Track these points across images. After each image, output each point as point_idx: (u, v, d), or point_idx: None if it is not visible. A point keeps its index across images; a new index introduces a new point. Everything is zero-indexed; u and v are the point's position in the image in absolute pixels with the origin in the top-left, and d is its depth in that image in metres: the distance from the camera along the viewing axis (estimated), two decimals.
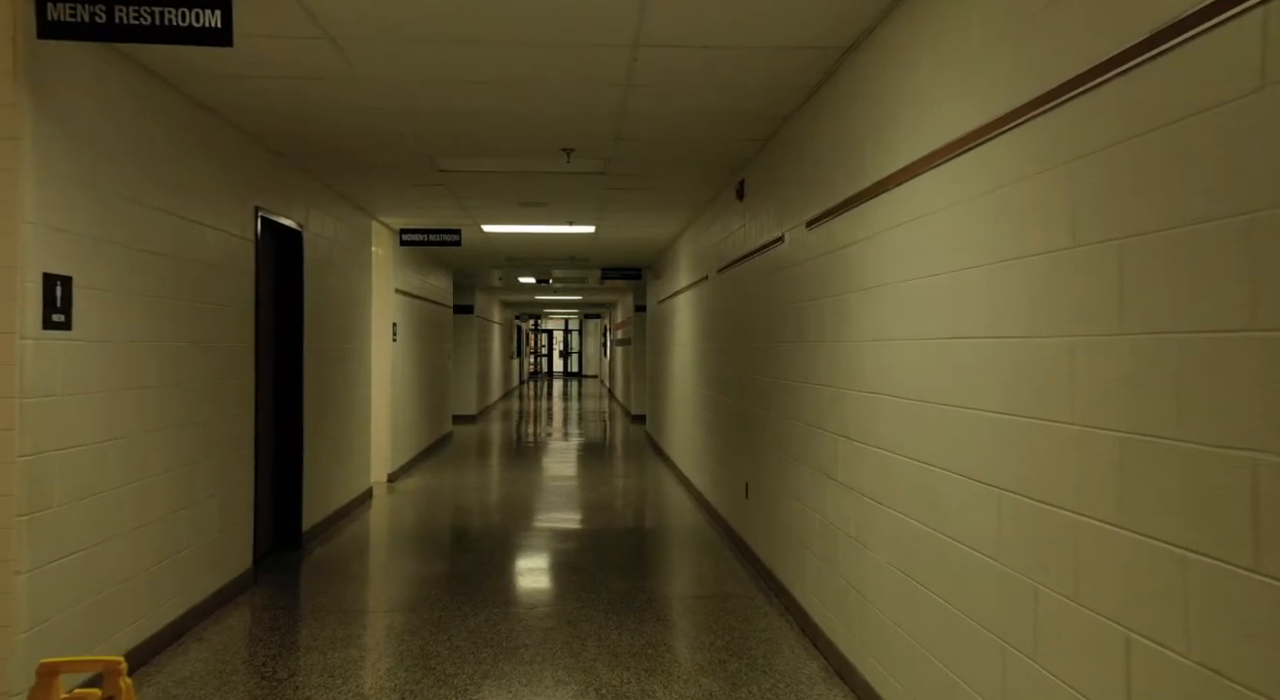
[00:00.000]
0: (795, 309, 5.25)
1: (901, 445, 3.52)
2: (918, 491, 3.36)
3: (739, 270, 7.05)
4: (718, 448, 7.96)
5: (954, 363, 3.05)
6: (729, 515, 7.40)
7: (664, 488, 10.19)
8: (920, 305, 3.35)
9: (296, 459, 6.92)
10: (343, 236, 8.23)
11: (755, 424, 6.39)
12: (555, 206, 8.89)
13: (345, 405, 8.32)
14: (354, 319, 8.63)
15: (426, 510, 8.93)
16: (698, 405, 9.29)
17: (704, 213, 8.88)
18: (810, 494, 4.89)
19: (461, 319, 18.72)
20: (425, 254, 12.62)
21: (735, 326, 7.23)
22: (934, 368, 3.22)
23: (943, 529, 3.12)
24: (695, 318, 9.57)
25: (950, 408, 3.07)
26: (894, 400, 3.61)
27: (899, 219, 3.57)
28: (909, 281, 3.46)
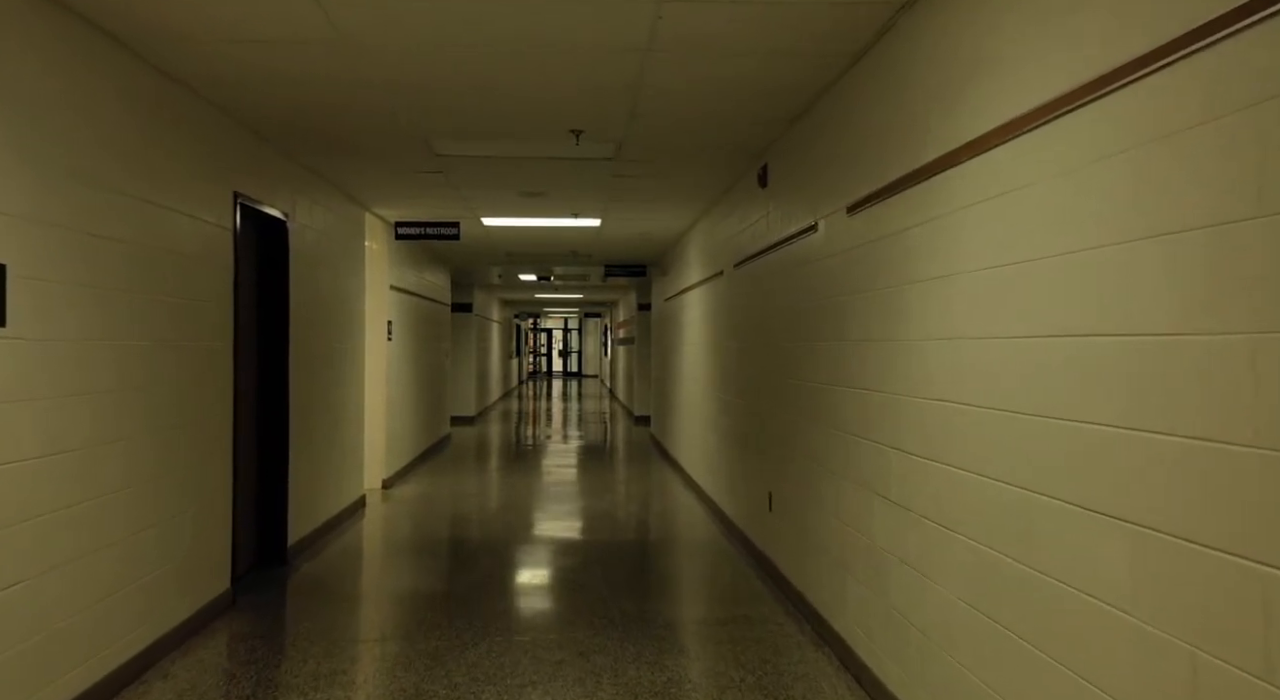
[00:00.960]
0: (832, 304, 4.72)
1: (981, 463, 2.99)
2: (1005, 519, 2.83)
3: (760, 264, 6.52)
4: (735, 455, 7.43)
5: (1059, 367, 2.52)
6: (748, 527, 6.87)
7: (673, 494, 9.66)
8: (1008, 297, 2.81)
9: (281, 468, 6.39)
10: (333, 228, 7.69)
11: (780, 431, 5.86)
12: (560, 197, 8.35)
13: (336, 408, 7.78)
14: (346, 317, 8.09)
15: (423, 520, 8.39)
16: (711, 409, 8.75)
17: (719, 204, 8.34)
18: (852, 512, 4.35)
19: (460, 317, 18.17)
20: (422, 249, 12.09)
21: (755, 325, 6.70)
22: (1029, 372, 2.68)
23: (1044, 568, 2.59)
24: (708, 316, 9.03)
25: (1055, 421, 2.54)
26: (969, 410, 3.08)
27: (975, 197, 3.03)
28: (991, 270, 2.92)
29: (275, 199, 6.18)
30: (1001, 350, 2.85)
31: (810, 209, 5.18)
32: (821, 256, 4.96)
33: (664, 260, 13.37)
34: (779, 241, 5.90)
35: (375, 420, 9.76)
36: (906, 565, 3.66)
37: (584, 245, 12.31)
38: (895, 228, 3.80)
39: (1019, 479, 2.74)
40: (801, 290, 5.38)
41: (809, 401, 5.17)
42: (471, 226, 10.14)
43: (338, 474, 7.87)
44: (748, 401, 6.93)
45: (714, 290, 8.67)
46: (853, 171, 4.38)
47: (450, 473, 11.37)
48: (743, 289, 7.21)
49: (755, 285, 6.73)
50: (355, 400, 8.49)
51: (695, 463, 9.79)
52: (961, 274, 3.15)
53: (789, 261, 5.68)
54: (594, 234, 11.01)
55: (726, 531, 7.59)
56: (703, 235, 9.39)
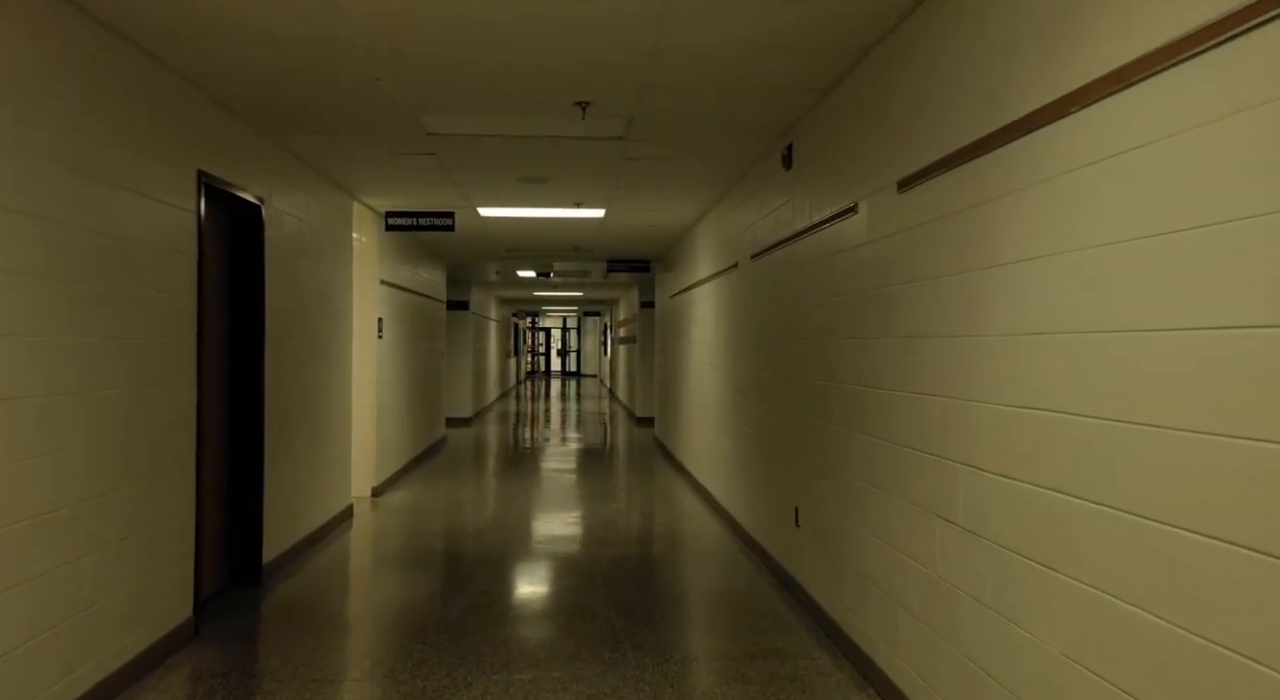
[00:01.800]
0: (877, 296, 4.12)
1: (1101, 490, 2.39)
2: (1140, 563, 2.23)
3: (782, 254, 5.92)
4: (754, 463, 6.83)
5: (1234, 368, 1.92)
6: (770, 543, 6.27)
7: (682, 503, 9.05)
8: (1148, 281, 2.22)
9: (256, 479, 5.78)
10: (316, 217, 7.08)
11: (809, 439, 5.26)
12: (562, 184, 7.75)
13: (320, 412, 7.18)
14: (331, 313, 7.49)
15: (414, 532, 7.78)
16: (724, 412, 8.15)
17: (732, 191, 7.74)
18: (904, 535, 3.75)
19: (456, 315, 17.57)
20: (415, 243, 11.48)
21: (777, 321, 6.10)
22: (1189, 375, 2.09)
23: (1210, 633, 1.99)
24: (720, 312, 8.43)
25: (1229, 440, 1.94)
26: (1083, 422, 2.48)
27: (1094, 154, 2.43)
28: (1126, 244, 2.32)
29: (248, 181, 5.58)
30: (1135, 348, 2.25)
31: (847, 189, 4.58)
32: (862, 242, 4.36)
33: (669, 255, 12.77)
34: (806, 228, 5.30)
35: (364, 424, 9.16)
36: (981, 604, 3.06)
37: (586, 239, 11.71)
38: (965, 202, 3.20)
39: (1162, 511, 2.14)
40: (836, 281, 4.79)
41: (845, 406, 4.58)
42: (467, 218, 9.53)
43: (322, 483, 7.27)
44: (769, 405, 6.33)
45: (727, 285, 8.07)
46: (905, 141, 3.78)
47: (445, 479, 10.77)
48: (761, 282, 6.61)
49: (777, 278, 6.13)
50: (342, 403, 7.89)
51: (706, 469, 9.19)
52: (1063, 253, 2.55)
53: (820, 250, 5.08)
54: (597, 227, 10.41)
55: (744, 546, 6.99)
56: (714, 226, 8.79)
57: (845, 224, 4.61)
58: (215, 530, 5.46)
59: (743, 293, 7.34)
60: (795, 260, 5.63)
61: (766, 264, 6.44)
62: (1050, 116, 2.60)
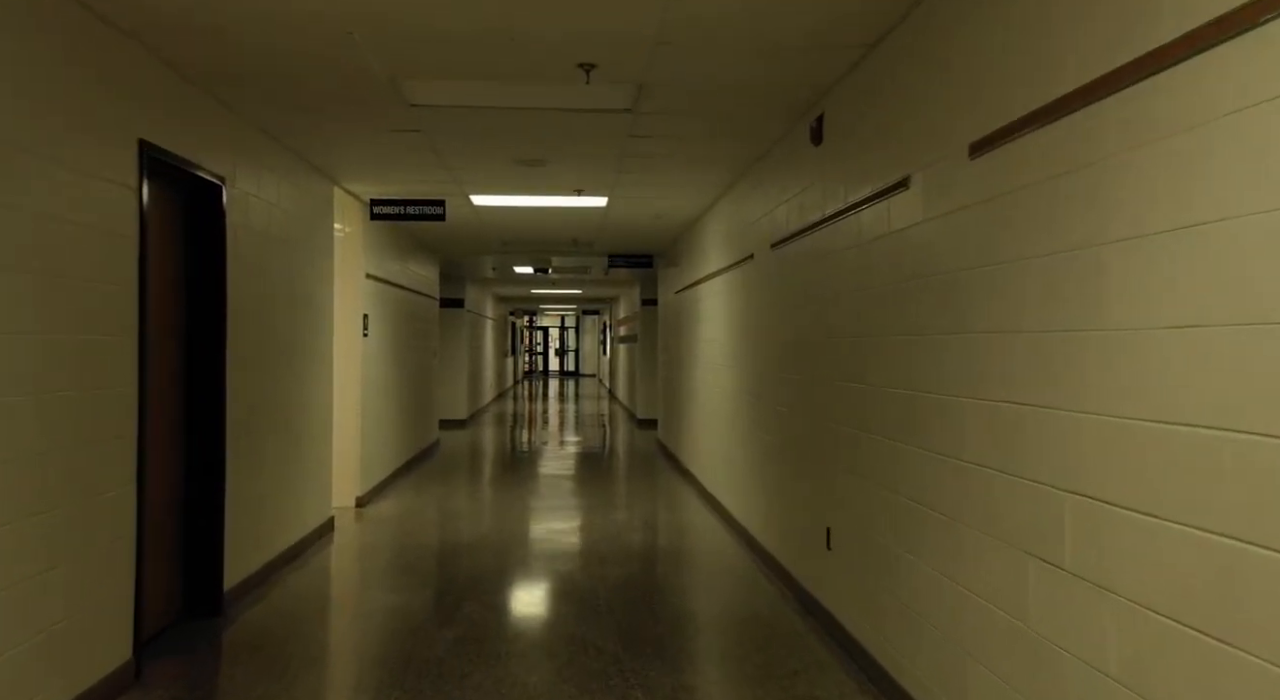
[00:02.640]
0: (936, 285, 3.47)
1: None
2: None
3: (809, 242, 5.26)
4: (775, 475, 6.16)
5: None
6: (795, 565, 5.61)
7: (690, 513, 8.39)
8: None
9: (216, 494, 5.11)
10: (291, 203, 6.42)
11: (844, 450, 4.61)
12: (562, 167, 7.09)
13: (295, 416, 6.51)
14: (309, 308, 6.82)
15: (400, 548, 7.12)
16: (737, 417, 7.49)
17: (748, 174, 7.09)
18: (979, 573, 3.10)
19: (450, 313, 16.89)
20: (405, 235, 10.81)
21: (803, 317, 5.44)
22: None
23: None
24: (733, 308, 7.77)
25: None
26: (1268, 445, 1.83)
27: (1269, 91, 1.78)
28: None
29: (206, 157, 4.91)
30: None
31: (895, 161, 3.92)
32: (915, 221, 3.71)
33: (673, 250, 12.12)
34: (840, 211, 4.65)
35: (348, 428, 8.49)
36: (1101, 674, 2.40)
37: (587, 232, 11.05)
38: (1072, 162, 2.54)
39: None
40: (879, 270, 4.13)
41: (892, 414, 3.92)
42: (459, 207, 8.87)
43: (297, 495, 6.60)
44: (792, 411, 5.67)
45: (741, 278, 7.41)
46: (981, 94, 3.13)
47: (436, 487, 10.10)
48: (783, 273, 5.95)
49: (802, 268, 5.47)
50: (321, 406, 7.22)
51: (717, 479, 8.53)
52: (1259, 214, 1.90)
53: (857, 234, 4.42)
54: (599, 218, 9.75)
55: (763, 565, 6.33)
56: (726, 215, 8.13)
57: (893, 202, 3.95)
58: (166, 553, 4.79)
59: (760, 286, 6.68)
60: (825, 248, 4.98)
61: (789, 254, 5.78)
62: (1220, 33, 1.94)
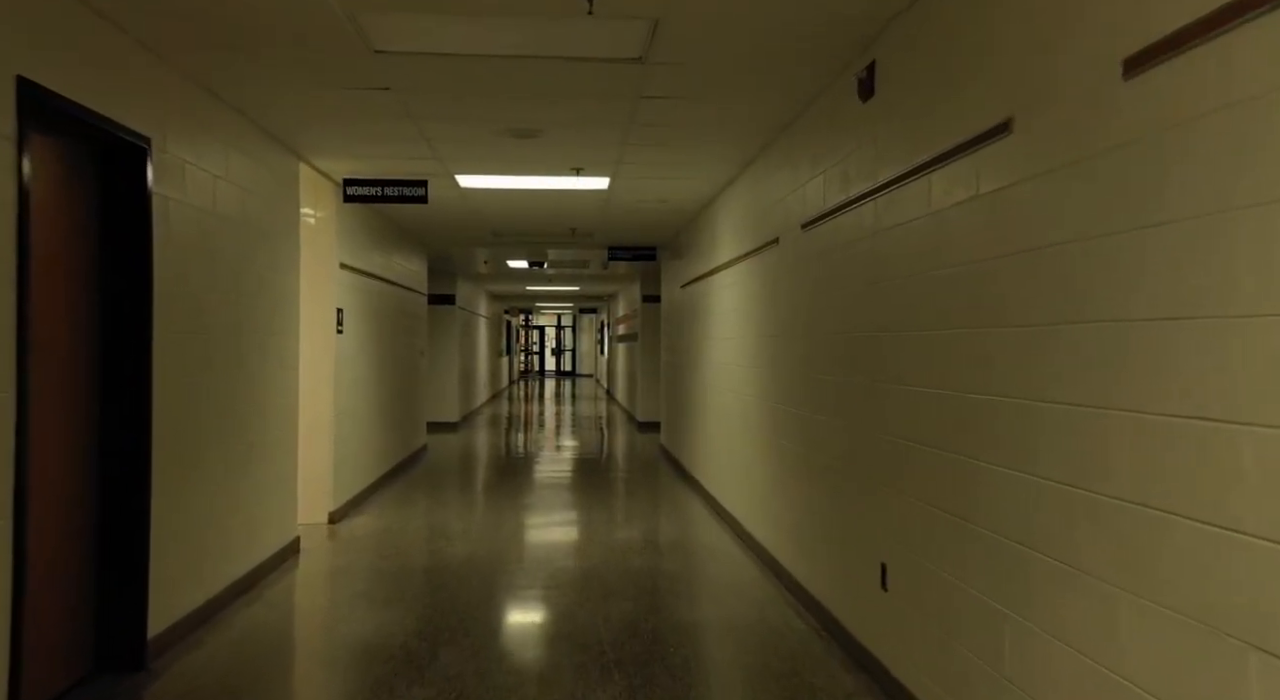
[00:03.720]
0: (1058, 257, 2.58)
1: None
2: None
3: (855, 218, 4.38)
4: (808, 495, 5.27)
5: None
6: (840, 607, 4.71)
7: (701, 529, 7.49)
8: None
9: (136, 517, 4.22)
10: (243, 175, 5.52)
11: (910, 471, 3.72)
12: (558, 139, 6.19)
13: (249, 423, 5.61)
14: (268, 300, 5.92)
15: (374, 575, 6.20)
16: (756, 425, 6.59)
17: (771, 147, 6.19)
18: (1151, 659, 2.20)
19: (441, 311, 16.00)
20: (386, 222, 9.91)
21: (849, 307, 4.55)
22: None
23: None
24: (754, 300, 6.87)
25: None
26: None
27: None
28: None
29: (124, 109, 4.01)
30: None
31: (988, 101, 3.03)
32: (1022, 177, 2.82)
33: (679, 241, 11.22)
34: (902, 175, 3.76)
35: (318, 435, 7.59)
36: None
37: (586, 220, 10.16)
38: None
39: None
40: (960, 244, 3.25)
41: (989, 429, 3.04)
42: (444, 190, 7.97)
43: (251, 514, 5.70)
44: (833, 420, 4.78)
45: (762, 266, 6.52)
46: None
47: (420, 498, 9.19)
48: (819, 257, 5.06)
49: (845, 249, 4.58)
50: (284, 410, 6.32)
51: (730, 491, 7.64)
52: None
53: (929, 201, 3.54)
54: (599, 203, 8.85)
55: (795, 601, 5.43)
56: (743, 196, 7.23)
57: (982, 156, 3.07)
58: (66, 593, 3.89)
59: (786, 273, 5.79)
60: (877, 223, 4.09)
61: (826, 234, 4.89)
62: None
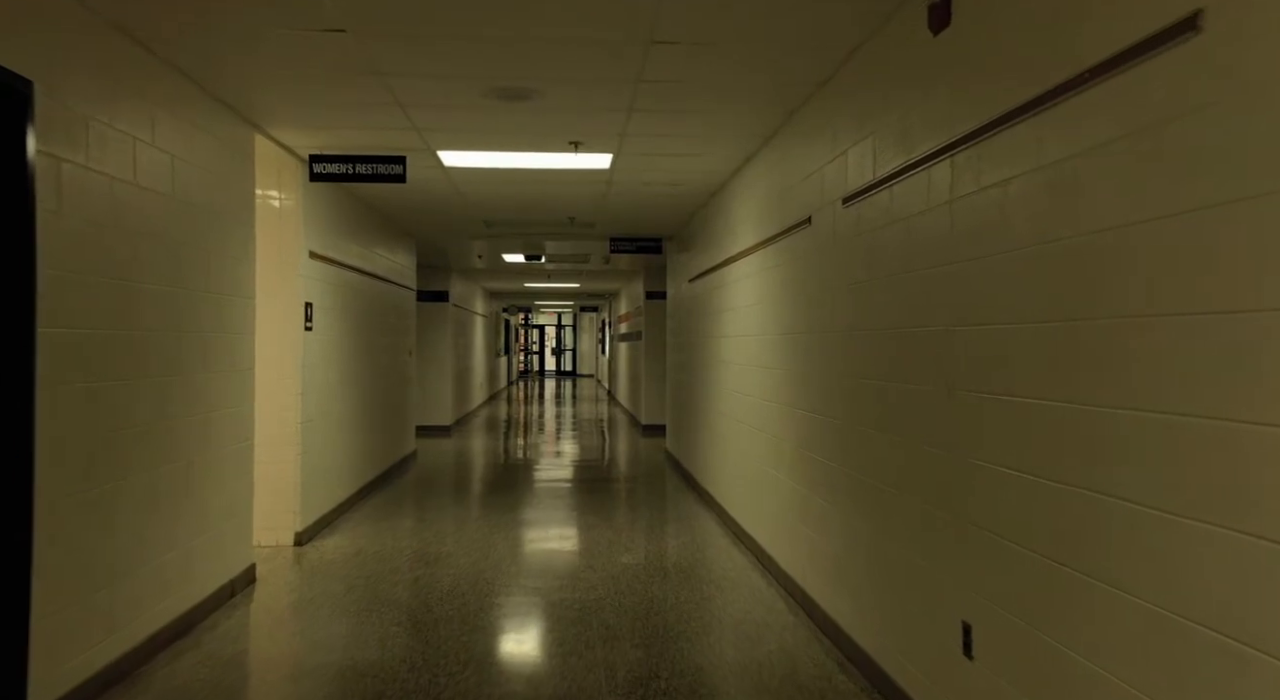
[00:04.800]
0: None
1: None
2: None
3: (918, 184, 3.48)
4: (855, 527, 4.36)
5: None
6: (900, 671, 3.80)
7: (717, 553, 6.58)
8: None
9: (14, 565, 3.32)
10: (175, 141, 4.62)
11: (999, 504, 2.82)
12: (555, 100, 5.29)
13: (187, 439, 4.72)
14: (214, 291, 5.03)
15: (339, 612, 5.29)
16: (785, 436, 5.69)
17: (802, 110, 5.29)
18: None
19: (433, 307, 15.12)
20: (366, 209, 9.01)
21: (904, 296, 3.65)
22: None
23: None
24: (774, 292, 5.97)
25: None
26: None
27: None
28: None
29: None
30: None
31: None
32: (1213, 99, 1.93)
33: (686, 231, 10.33)
34: (997, 121, 2.87)
35: (283, 446, 6.70)
36: None
37: (585, 208, 9.26)
38: None
39: None
40: (1113, 204, 2.35)
41: (1134, 453, 2.14)
42: (427, 169, 7.07)
43: (190, 547, 4.81)
44: (891, 437, 3.88)
45: (789, 252, 5.62)
46: None
47: (403, 514, 8.28)
48: (867, 235, 4.16)
49: (903, 224, 3.69)
50: (235, 422, 5.42)
51: (751, 511, 6.74)
52: None
53: (1039, 153, 2.64)
54: (600, 187, 7.96)
55: (836, 650, 4.53)
56: (765, 174, 6.33)
57: (1140, 74, 2.18)
58: None
59: (821, 259, 4.89)
60: (955, 188, 3.20)
61: (878, 207, 4.00)
62: None
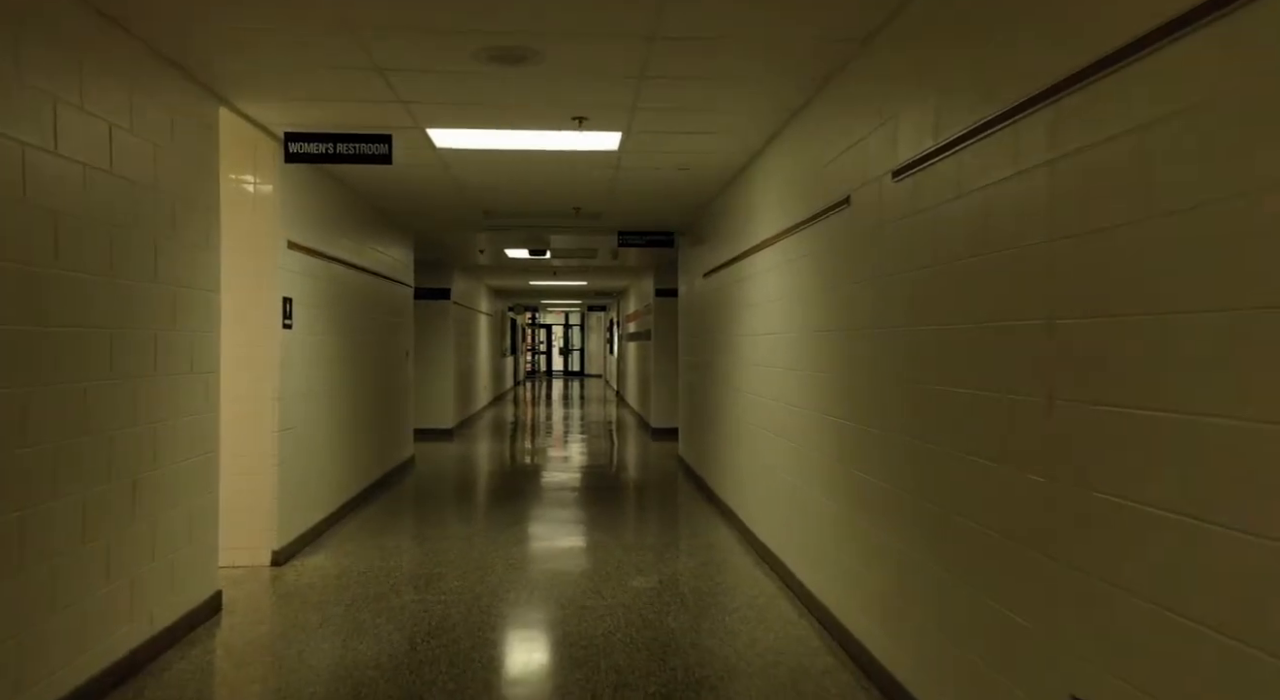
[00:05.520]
0: None
1: None
2: None
3: (1003, 144, 2.81)
4: (914, 560, 3.67)
5: None
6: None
7: (737, 575, 5.92)
8: None
9: None
10: (114, 105, 3.97)
11: (1129, 553, 2.15)
12: (556, 63, 4.63)
13: (132, 454, 4.08)
14: (168, 283, 4.38)
15: (311, 651, 4.61)
16: (820, 448, 5.02)
17: (840, 78, 4.63)
18: None
19: (433, 305, 14.48)
20: (356, 200, 8.35)
21: (992, 282, 2.98)
22: None
23: None
24: (808, 283, 5.29)
25: None
26: None
27: None
28: None
29: None
30: None
31: None
32: None
33: (700, 223, 9.66)
34: (1146, 37, 2.20)
35: (258, 456, 6.06)
36: None
37: (592, 196, 8.60)
38: None
39: None
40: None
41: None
42: (417, 150, 6.42)
43: (135, 577, 4.16)
44: (962, 453, 3.21)
45: (824, 238, 4.95)
46: None
47: (395, 528, 7.62)
48: (927, 213, 3.49)
49: (985, 194, 3.02)
50: (196, 431, 4.77)
51: (777, 529, 6.07)
52: None
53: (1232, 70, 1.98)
54: (608, 172, 7.30)
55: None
56: (792, 153, 5.66)
57: None
58: None
59: (866, 242, 4.22)
60: (1057, 143, 2.53)
61: (943, 177, 3.33)
62: None
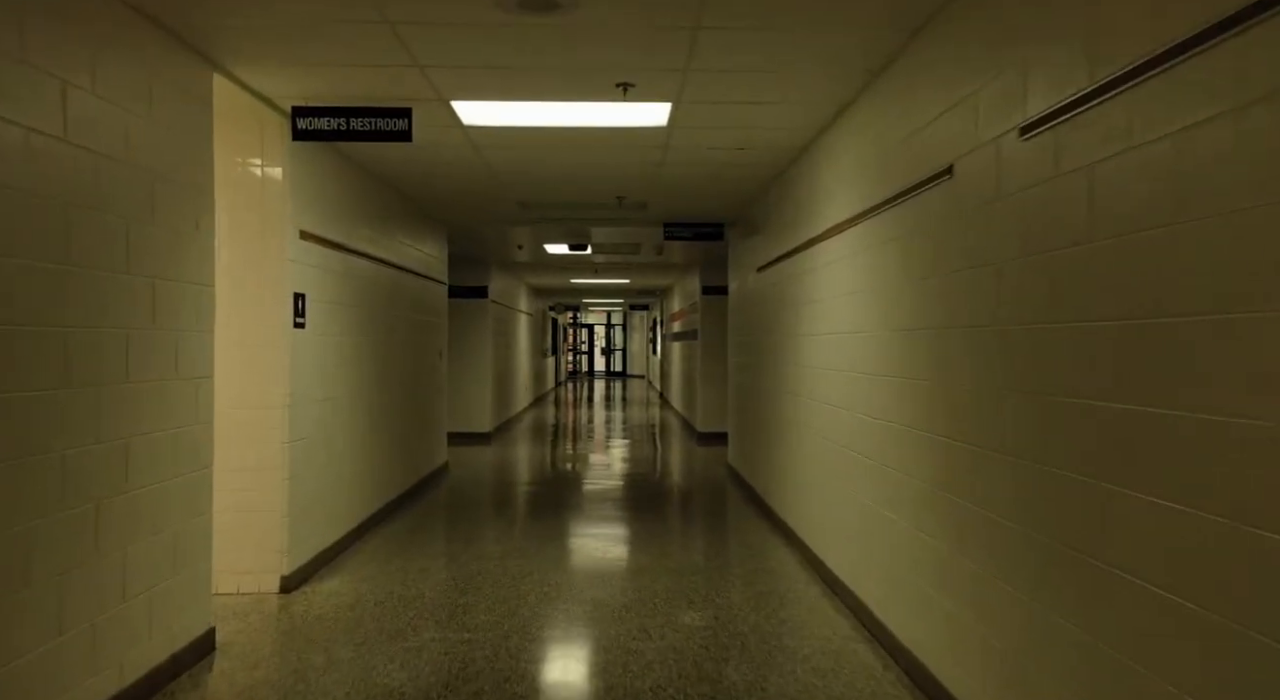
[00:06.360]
0: None
1: None
2: None
3: (1223, 67, 2.03)
4: (1058, 627, 2.88)
5: None
6: None
7: (803, 612, 5.15)
8: None
9: None
10: (71, 65, 3.30)
11: None
12: (594, 12, 3.89)
13: (97, 475, 3.41)
14: (149, 275, 3.71)
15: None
16: (910, 468, 4.23)
17: (930, 25, 3.84)
18: None
19: (470, 304, 13.84)
20: (381, 187, 7.67)
21: (1166, 267, 2.20)
22: None
23: None
24: (898, 274, 4.50)
25: None
26: None
27: None
28: None
29: None
30: None
31: None
32: None
33: (753, 213, 8.89)
34: None
35: (265, 470, 5.40)
36: None
37: (637, 183, 7.87)
38: None
39: None
40: None
41: None
42: (442, 128, 5.72)
43: (91, 621, 3.49)
44: (1136, 495, 2.42)
45: (913, 219, 4.16)
46: None
47: (420, 546, 6.93)
48: (1074, 178, 2.71)
49: (1174, 146, 2.24)
50: (184, 445, 4.09)
51: (853, 558, 5.28)
52: None
53: None
54: (654, 152, 6.56)
55: None
56: (870, 123, 4.87)
57: None
58: None
59: (981, 220, 3.43)
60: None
61: (1110, 124, 2.55)
62: None
